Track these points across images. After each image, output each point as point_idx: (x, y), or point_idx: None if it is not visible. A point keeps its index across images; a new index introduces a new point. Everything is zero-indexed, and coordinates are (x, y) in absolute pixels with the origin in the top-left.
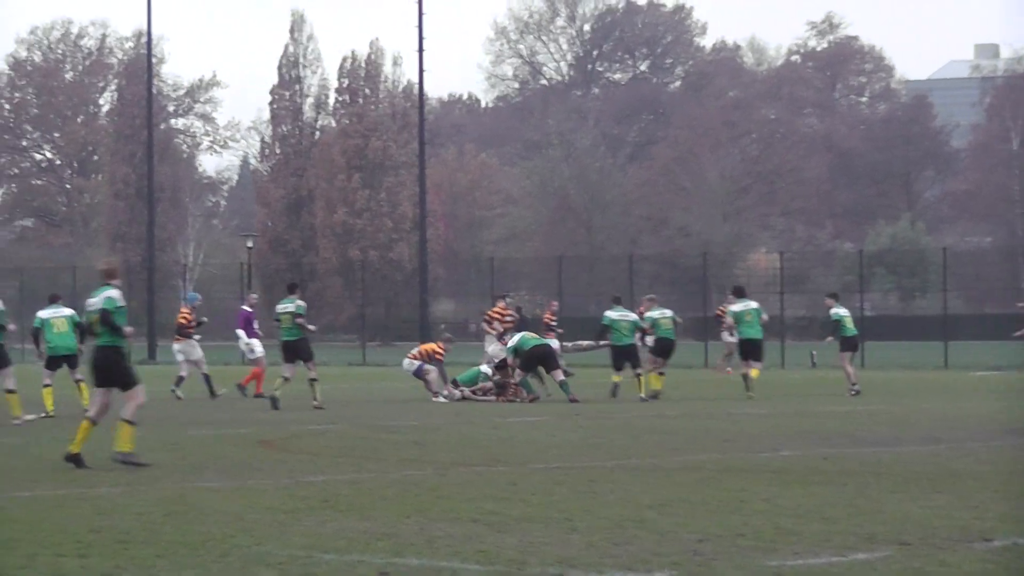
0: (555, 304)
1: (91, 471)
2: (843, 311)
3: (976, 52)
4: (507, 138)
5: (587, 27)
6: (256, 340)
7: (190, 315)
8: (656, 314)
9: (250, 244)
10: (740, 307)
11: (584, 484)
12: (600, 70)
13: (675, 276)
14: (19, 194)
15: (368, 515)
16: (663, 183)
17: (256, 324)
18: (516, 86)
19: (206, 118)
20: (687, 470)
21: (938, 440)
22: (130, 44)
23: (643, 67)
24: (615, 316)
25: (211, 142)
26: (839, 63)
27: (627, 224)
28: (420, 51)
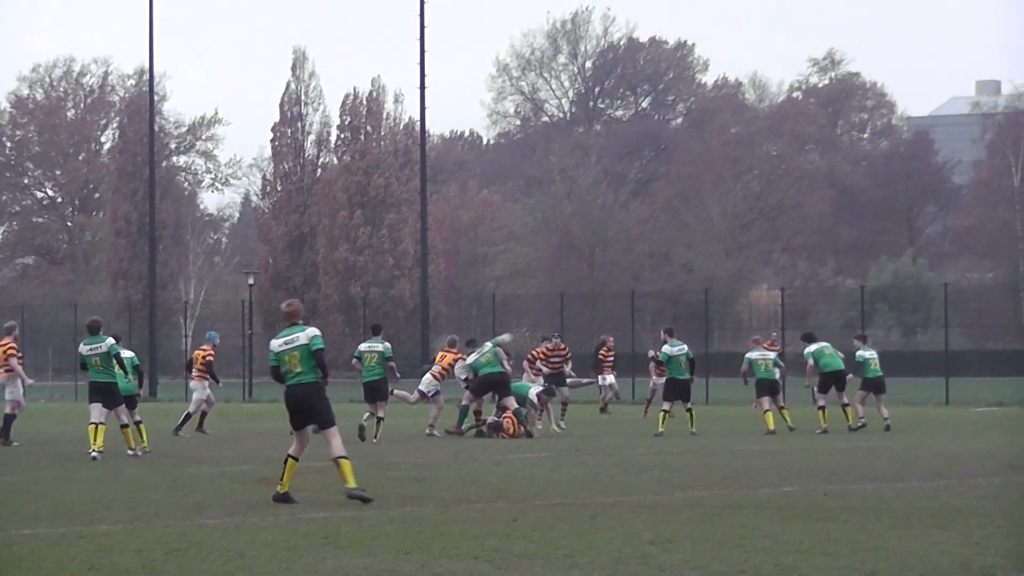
0: (611, 339)
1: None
2: (868, 353)
3: (977, 88)
4: (509, 175)
5: (589, 64)
6: None
7: (212, 354)
8: (756, 355)
9: (251, 281)
10: (676, 350)
11: (585, 520)
12: (602, 107)
13: (677, 312)
14: (20, 231)
15: (369, 552)
16: (665, 219)
17: None
18: (518, 123)
19: (208, 155)
20: (689, 506)
21: (940, 476)
22: (132, 82)
23: (645, 103)
24: (672, 351)
25: (213, 179)
26: (841, 99)
27: (629, 260)
28: (422, 88)
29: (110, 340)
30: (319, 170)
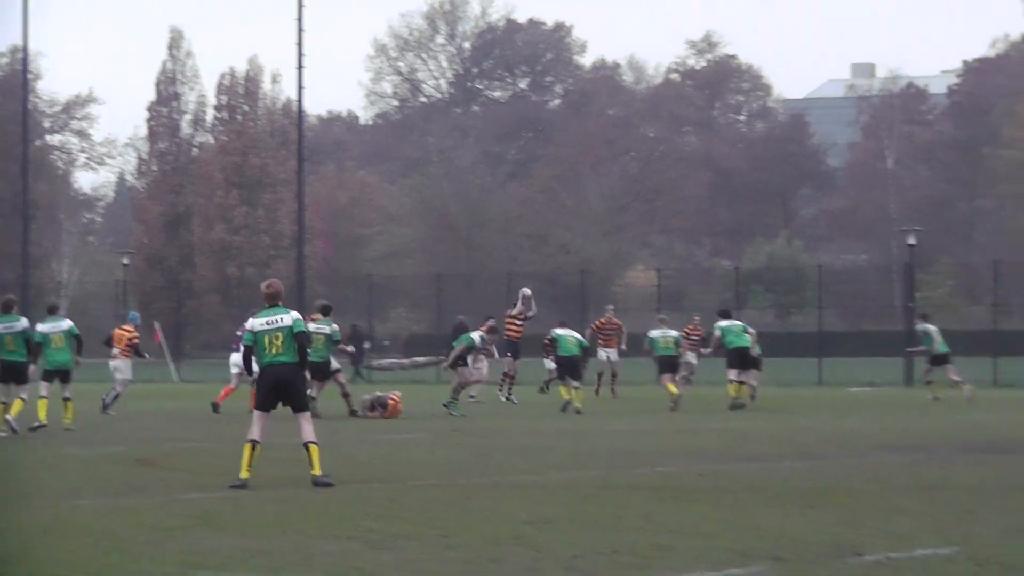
0: (696, 317)
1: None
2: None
3: (853, 71)
4: (387, 155)
5: (467, 45)
6: None
7: (137, 335)
8: (658, 334)
9: (126, 261)
10: (564, 331)
11: (461, 500)
12: (480, 88)
13: (555, 293)
14: None
15: (245, 532)
16: (543, 201)
17: None
18: (396, 103)
19: (82, 135)
20: (564, 487)
21: (813, 456)
22: (5, 60)
23: (523, 85)
24: (562, 332)
25: (87, 159)
26: (718, 82)
27: (507, 241)
28: (299, 68)
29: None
30: (195, 150)
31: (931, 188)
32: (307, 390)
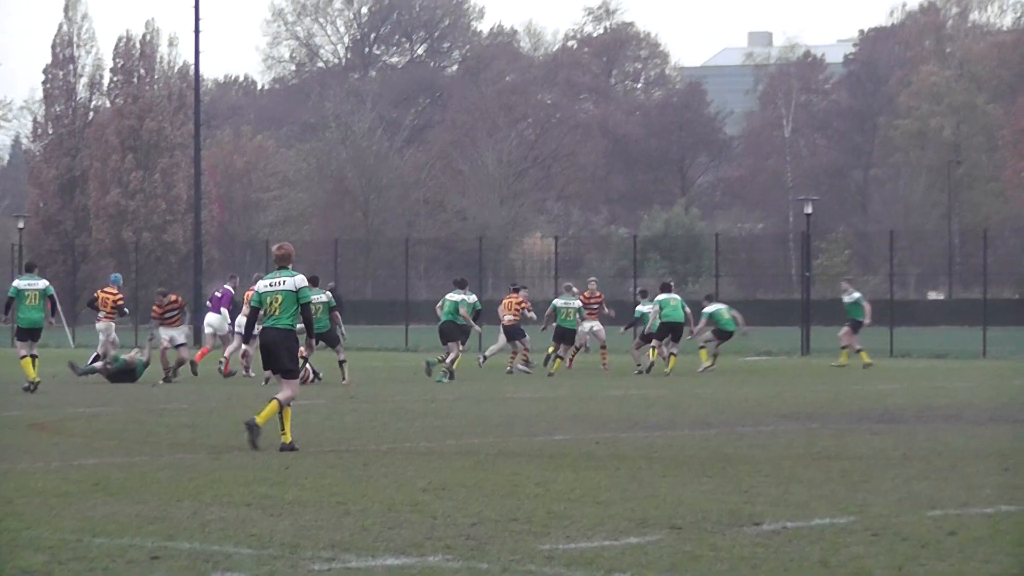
0: (592, 283)
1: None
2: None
3: (750, 40)
4: (284, 120)
5: (364, 9)
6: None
7: (121, 296)
8: (561, 303)
9: (21, 225)
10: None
11: (358, 468)
12: (377, 53)
13: (452, 259)
14: None
15: (140, 499)
16: (440, 167)
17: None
18: (293, 68)
19: None
20: (462, 454)
21: (710, 425)
22: None
23: (420, 51)
24: (560, 303)
25: None
26: (615, 49)
27: (404, 207)
28: (196, 32)
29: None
30: (91, 113)
31: (827, 157)
32: (297, 358)
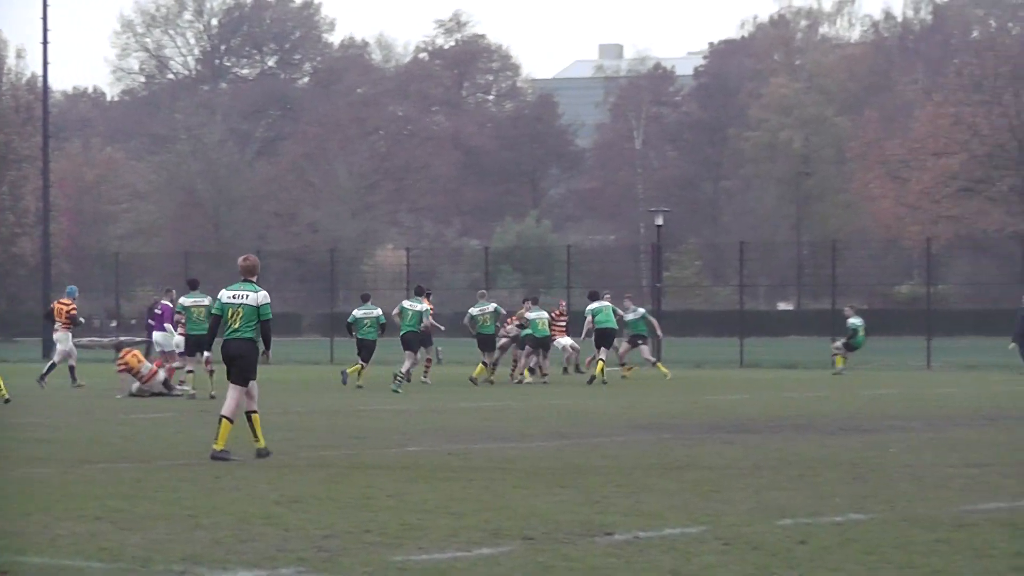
0: (563, 303)
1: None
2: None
3: (601, 52)
4: (134, 132)
5: (215, 21)
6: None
7: (74, 307)
8: (477, 311)
9: None
10: (361, 313)
11: (210, 480)
12: (228, 65)
13: (304, 272)
14: None
15: None
16: (292, 179)
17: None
18: (143, 80)
19: None
20: (315, 466)
21: (563, 436)
22: None
23: (271, 62)
24: (475, 311)
25: None
26: (466, 61)
27: (256, 220)
28: (44, 43)
29: None
30: None
31: (678, 169)
32: (255, 368)
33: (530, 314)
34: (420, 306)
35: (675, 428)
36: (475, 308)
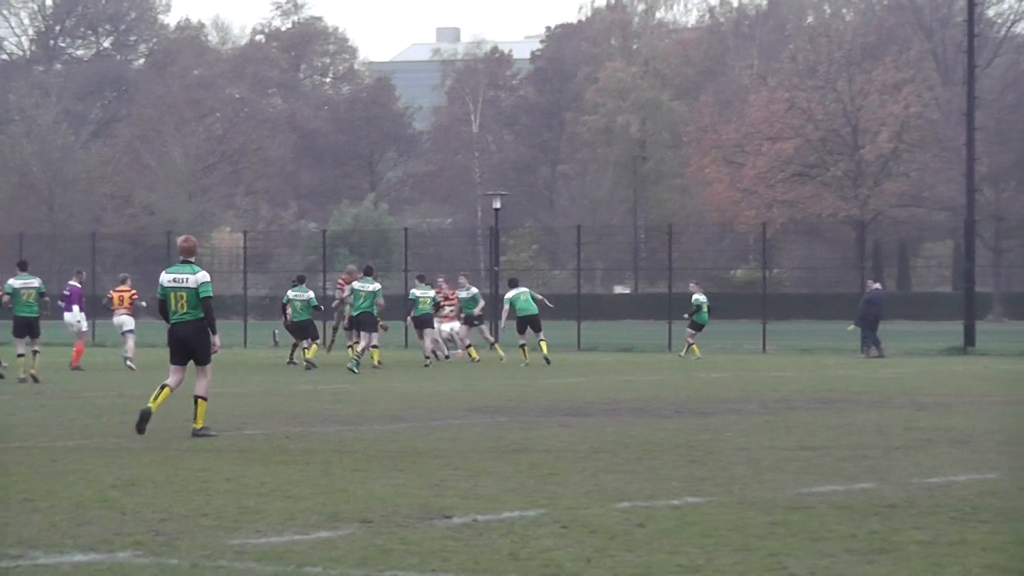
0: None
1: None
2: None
3: (438, 35)
4: None
5: (49, 2)
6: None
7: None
8: (420, 292)
9: None
10: (294, 294)
11: (46, 464)
12: (63, 46)
13: (139, 254)
14: None
15: None
16: (127, 161)
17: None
18: None
19: None
20: (151, 450)
21: (400, 419)
22: None
23: (107, 44)
24: (418, 293)
25: None
26: (303, 43)
27: (91, 202)
28: None
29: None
30: None
31: (516, 153)
32: (211, 346)
33: (416, 291)
34: (371, 286)
35: (512, 411)
36: (418, 290)
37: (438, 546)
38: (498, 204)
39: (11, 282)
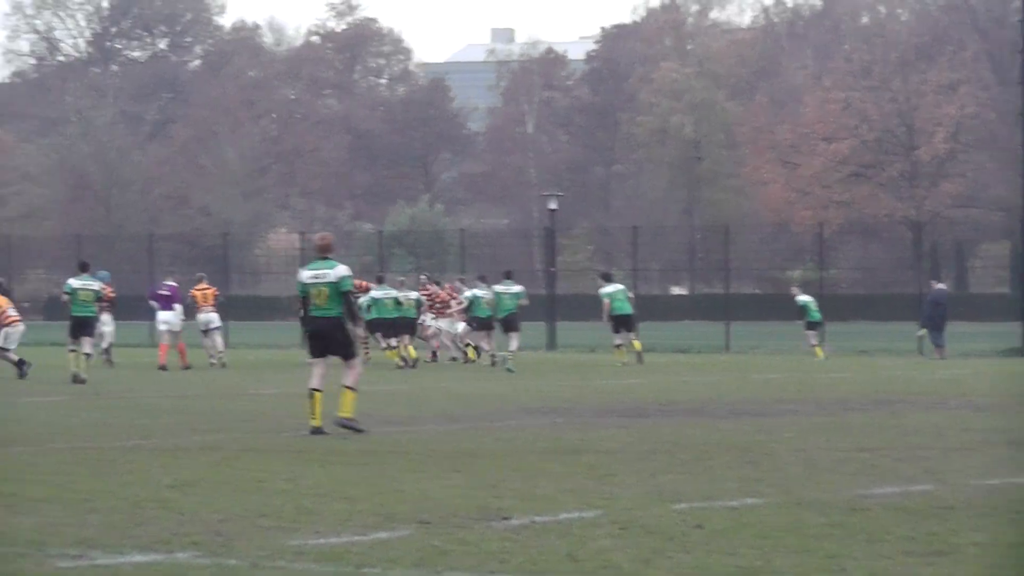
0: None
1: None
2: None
3: (493, 36)
4: (24, 115)
5: (105, 3)
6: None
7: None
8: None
9: None
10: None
11: (104, 464)
12: (119, 47)
13: (195, 255)
14: None
15: None
16: (183, 162)
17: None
18: (33, 62)
19: None
20: (207, 450)
21: (455, 419)
22: None
23: (162, 45)
24: (480, 293)
25: None
26: (358, 44)
27: (147, 203)
28: None
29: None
30: None
31: (570, 153)
32: (353, 340)
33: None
34: (515, 288)
35: (567, 412)
36: (411, 292)
37: (496, 547)
38: (554, 205)
39: (70, 282)
